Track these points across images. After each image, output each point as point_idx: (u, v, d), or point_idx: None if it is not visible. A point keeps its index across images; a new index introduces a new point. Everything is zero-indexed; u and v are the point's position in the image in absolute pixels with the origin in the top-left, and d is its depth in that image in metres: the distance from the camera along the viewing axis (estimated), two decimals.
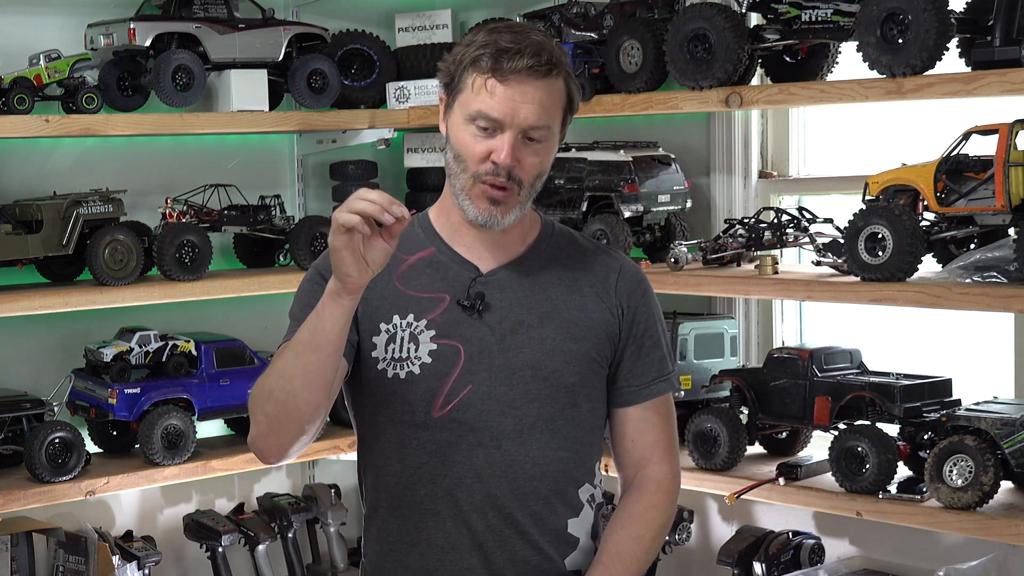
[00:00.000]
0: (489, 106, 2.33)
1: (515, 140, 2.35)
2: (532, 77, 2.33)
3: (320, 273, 2.47)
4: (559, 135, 2.44)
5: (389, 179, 4.67)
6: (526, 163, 2.37)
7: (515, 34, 2.35)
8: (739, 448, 3.74)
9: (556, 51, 2.37)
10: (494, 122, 2.34)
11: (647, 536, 2.52)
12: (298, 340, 2.31)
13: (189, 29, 4.03)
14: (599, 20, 4.03)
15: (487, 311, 2.43)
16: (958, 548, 3.56)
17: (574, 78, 2.44)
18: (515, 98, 2.33)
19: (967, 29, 3.31)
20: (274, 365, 2.36)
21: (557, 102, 2.39)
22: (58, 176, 4.07)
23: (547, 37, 2.40)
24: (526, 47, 2.33)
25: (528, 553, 2.45)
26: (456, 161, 2.40)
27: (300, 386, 2.29)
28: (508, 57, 2.32)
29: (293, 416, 2.32)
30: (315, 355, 2.28)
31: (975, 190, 3.29)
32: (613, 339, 2.50)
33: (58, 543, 3.91)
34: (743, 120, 4.12)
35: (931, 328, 3.86)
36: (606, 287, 2.51)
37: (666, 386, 2.56)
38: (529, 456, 2.43)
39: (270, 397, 2.33)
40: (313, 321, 2.28)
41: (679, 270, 3.81)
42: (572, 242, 2.56)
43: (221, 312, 4.36)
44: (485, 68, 2.33)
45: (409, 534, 2.46)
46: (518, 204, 2.40)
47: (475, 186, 2.38)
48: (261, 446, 2.39)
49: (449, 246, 2.49)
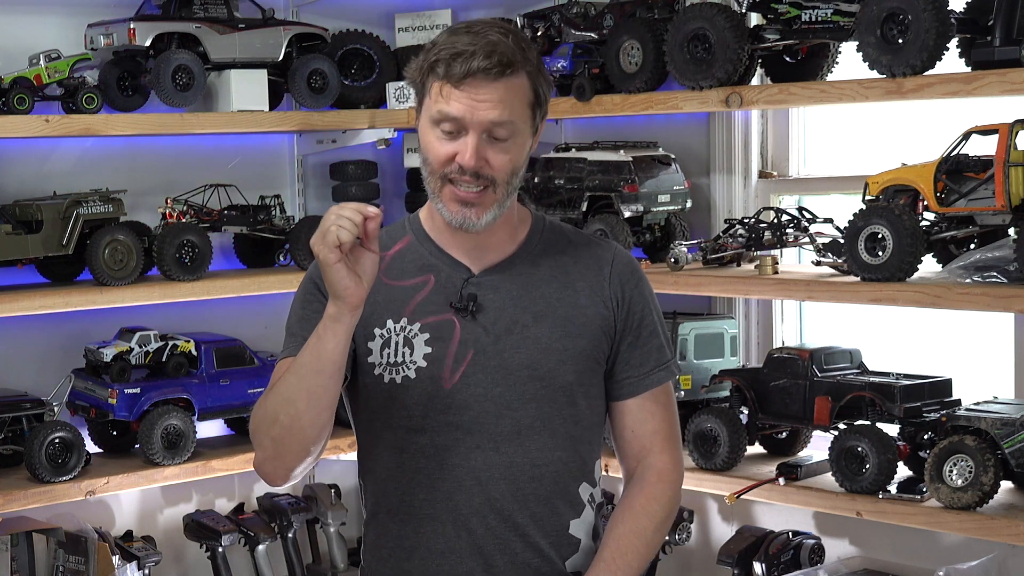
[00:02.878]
0: (448, 109, 2.33)
1: (479, 140, 2.34)
2: (486, 79, 2.32)
3: (315, 282, 2.46)
4: (530, 129, 2.41)
5: (389, 179, 4.67)
6: (495, 162, 2.36)
7: (472, 35, 2.34)
8: (739, 448, 3.74)
9: (512, 48, 2.34)
10: (456, 122, 2.34)
11: (648, 529, 2.50)
12: (301, 363, 2.31)
13: (189, 29, 4.03)
14: (599, 20, 4.03)
15: (480, 312, 2.43)
16: (958, 548, 3.56)
17: (541, 72, 2.41)
18: (471, 101, 2.32)
19: (967, 29, 3.31)
20: (276, 389, 2.36)
21: (519, 98, 2.36)
22: (58, 176, 4.07)
23: (506, 34, 2.36)
24: (479, 49, 2.31)
25: (529, 556, 2.44)
26: (425, 164, 2.41)
27: (305, 409, 2.31)
28: (462, 61, 2.31)
29: (298, 439, 2.34)
30: (319, 377, 2.29)
31: (975, 190, 3.29)
32: (609, 333, 2.49)
33: (58, 543, 3.91)
34: (743, 120, 4.12)
35: (931, 328, 3.86)
36: (599, 280, 2.49)
37: (666, 374, 2.53)
38: (528, 457, 2.43)
39: (275, 421, 2.34)
40: (315, 344, 2.29)
41: (679, 270, 3.81)
42: (563, 236, 2.55)
43: (221, 312, 4.36)
44: (441, 74, 2.33)
45: (408, 539, 2.46)
46: (495, 203, 2.39)
47: (444, 188, 2.38)
48: (268, 470, 2.41)
49: (440, 248, 2.49)
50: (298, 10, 4.47)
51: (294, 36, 4.26)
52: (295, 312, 2.49)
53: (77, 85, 3.83)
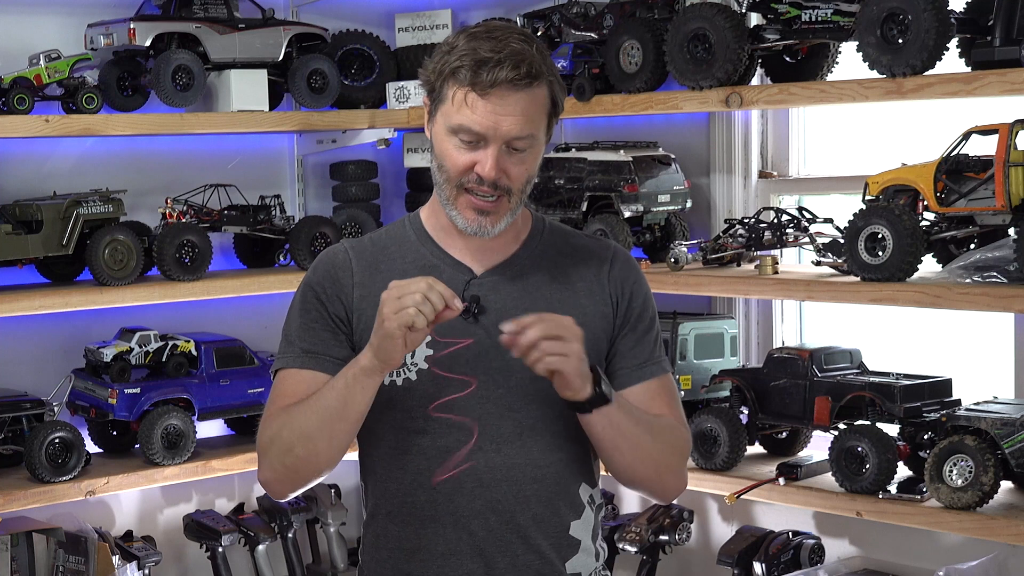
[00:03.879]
0: (471, 120, 2.31)
1: (499, 152, 2.33)
2: (513, 89, 2.31)
3: (313, 290, 2.46)
4: (545, 138, 2.42)
5: (389, 179, 4.67)
6: (512, 172, 2.35)
7: (495, 41, 2.31)
8: (739, 448, 3.74)
9: (537, 58, 2.33)
10: (476, 135, 2.32)
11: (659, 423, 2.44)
12: (325, 406, 2.33)
13: (189, 29, 4.03)
14: (599, 20, 4.03)
15: (483, 314, 2.42)
16: (958, 548, 3.56)
17: (558, 79, 2.41)
18: (496, 111, 2.31)
19: (967, 29, 3.31)
20: (293, 420, 2.36)
21: (540, 109, 2.37)
22: (58, 176, 4.07)
23: (528, 41, 2.35)
24: (506, 57, 2.29)
25: (530, 557, 2.44)
26: (440, 171, 2.40)
27: (325, 448, 2.36)
28: (488, 69, 2.29)
29: (313, 469, 2.40)
30: (343, 423, 2.33)
31: (975, 190, 3.29)
32: (608, 332, 2.48)
33: (58, 543, 3.90)
34: (743, 120, 4.12)
35: (931, 328, 3.86)
36: (599, 279, 2.49)
37: (657, 368, 2.51)
38: (529, 458, 2.42)
39: (289, 451, 2.37)
40: (343, 391, 2.31)
41: (679, 270, 3.81)
42: (563, 237, 2.55)
43: (221, 312, 4.36)
44: (465, 81, 2.30)
45: (409, 540, 2.45)
46: (509, 211, 2.39)
47: (460, 196, 2.37)
48: (277, 488, 2.45)
49: (441, 248, 2.48)
50: (298, 10, 4.47)
51: (294, 36, 4.26)
52: (294, 320, 2.48)
53: (77, 85, 3.83)
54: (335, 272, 2.46)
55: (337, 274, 2.46)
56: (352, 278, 2.45)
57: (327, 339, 2.43)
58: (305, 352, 2.43)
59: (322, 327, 2.44)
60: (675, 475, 2.50)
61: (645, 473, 2.46)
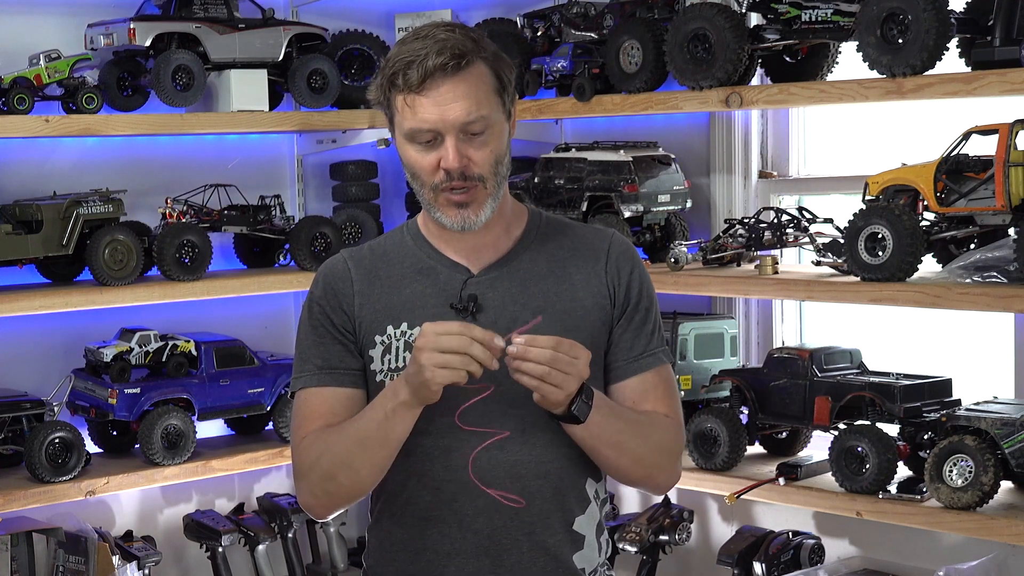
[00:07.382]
0: (419, 120, 2.33)
1: (456, 142, 2.34)
2: (445, 76, 2.31)
3: (319, 304, 2.48)
4: (503, 116, 2.40)
5: (389, 179, 4.67)
6: (476, 157, 2.36)
7: (420, 39, 2.33)
8: (739, 448, 3.74)
9: (461, 39, 2.34)
10: (430, 133, 2.34)
11: (653, 422, 2.45)
12: (365, 436, 2.36)
13: (189, 29, 4.03)
14: (599, 20, 4.04)
15: (480, 312, 2.43)
16: (958, 548, 3.56)
17: (496, 55, 2.40)
18: (438, 103, 2.32)
19: (967, 29, 3.31)
20: (332, 448, 2.39)
21: (484, 88, 2.36)
22: (58, 176, 4.07)
23: (452, 28, 2.36)
24: (430, 50, 2.31)
25: (536, 554, 2.44)
26: (414, 179, 2.42)
27: (367, 474, 2.40)
28: (416, 67, 2.31)
29: (358, 492, 2.45)
30: (384, 450, 2.37)
31: (975, 190, 3.29)
32: (607, 323, 2.48)
33: (58, 543, 3.90)
34: (743, 120, 4.12)
35: (931, 328, 3.86)
36: (596, 269, 2.49)
37: (654, 360, 2.50)
38: (533, 455, 2.42)
39: (332, 479, 2.41)
40: (382, 423, 2.34)
41: (679, 270, 3.81)
42: (560, 229, 2.54)
43: (221, 312, 4.36)
44: (402, 86, 2.33)
45: (414, 541, 2.45)
46: (488, 197, 2.40)
47: (438, 197, 2.39)
48: (320, 512, 2.50)
49: (437, 250, 2.49)
50: (298, 10, 4.47)
51: (294, 36, 4.26)
52: (306, 336, 2.49)
53: (77, 85, 3.83)
54: (335, 283, 2.48)
55: (337, 285, 2.48)
56: (352, 287, 2.47)
57: (340, 352, 2.45)
58: (320, 369, 2.45)
59: (332, 341, 2.46)
60: (665, 473, 2.51)
61: (630, 473, 2.48)
